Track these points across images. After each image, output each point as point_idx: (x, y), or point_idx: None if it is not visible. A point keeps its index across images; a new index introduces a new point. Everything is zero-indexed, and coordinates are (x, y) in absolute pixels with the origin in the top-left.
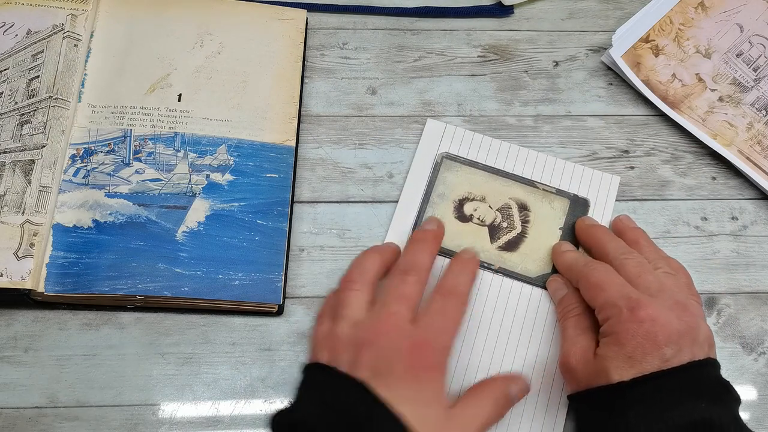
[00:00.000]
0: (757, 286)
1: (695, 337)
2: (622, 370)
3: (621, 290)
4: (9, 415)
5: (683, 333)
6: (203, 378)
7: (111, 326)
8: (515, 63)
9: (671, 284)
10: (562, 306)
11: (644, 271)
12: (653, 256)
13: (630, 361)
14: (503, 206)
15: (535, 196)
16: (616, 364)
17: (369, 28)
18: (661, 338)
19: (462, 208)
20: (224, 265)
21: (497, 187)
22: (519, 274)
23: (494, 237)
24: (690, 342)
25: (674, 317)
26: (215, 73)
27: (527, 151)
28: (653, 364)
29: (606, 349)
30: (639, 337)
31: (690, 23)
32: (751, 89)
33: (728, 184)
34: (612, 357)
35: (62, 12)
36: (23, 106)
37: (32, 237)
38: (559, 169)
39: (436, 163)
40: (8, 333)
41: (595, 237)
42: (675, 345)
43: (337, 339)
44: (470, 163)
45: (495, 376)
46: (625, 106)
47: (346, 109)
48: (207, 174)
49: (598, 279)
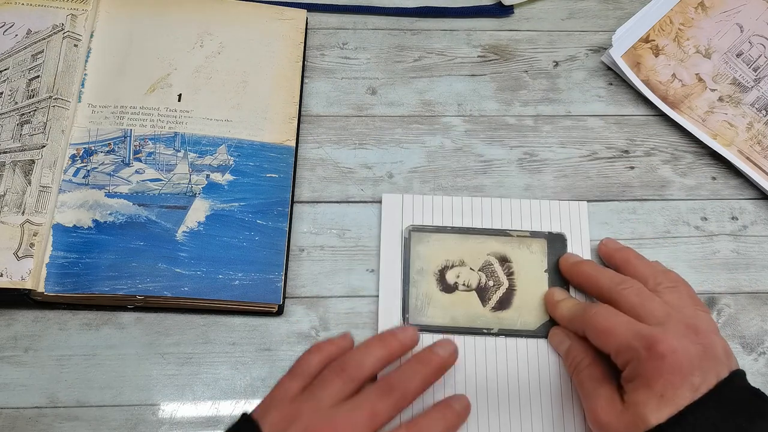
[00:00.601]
0: (757, 286)
1: (715, 355)
2: (658, 411)
3: (631, 329)
4: (9, 415)
5: (703, 356)
6: (203, 378)
7: (111, 326)
8: (515, 63)
9: (676, 302)
10: (569, 359)
11: (645, 298)
12: (649, 273)
13: (663, 400)
14: (484, 264)
15: (512, 245)
16: (650, 407)
17: (369, 28)
18: (686, 368)
19: (444, 278)
20: (224, 265)
21: (473, 246)
22: (519, 330)
23: (485, 299)
24: (712, 362)
25: (690, 343)
26: (215, 73)
27: (489, 201)
28: (685, 396)
29: (635, 395)
30: (665, 373)
31: (690, 23)
32: (751, 89)
33: (728, 184)
34: (644, 401)
35: (62, 12)
36: (23, 106)
37: (32, 237)
38: (526, 210)
39: (404, 238)
40: (8, 333)
41: (583, 274)
42: (699, 371)
43: (296, 414)
44: (438, 229)
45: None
46: (625, 106)
47: (346, 109)
48: (207, 174)
49: (604, 324)
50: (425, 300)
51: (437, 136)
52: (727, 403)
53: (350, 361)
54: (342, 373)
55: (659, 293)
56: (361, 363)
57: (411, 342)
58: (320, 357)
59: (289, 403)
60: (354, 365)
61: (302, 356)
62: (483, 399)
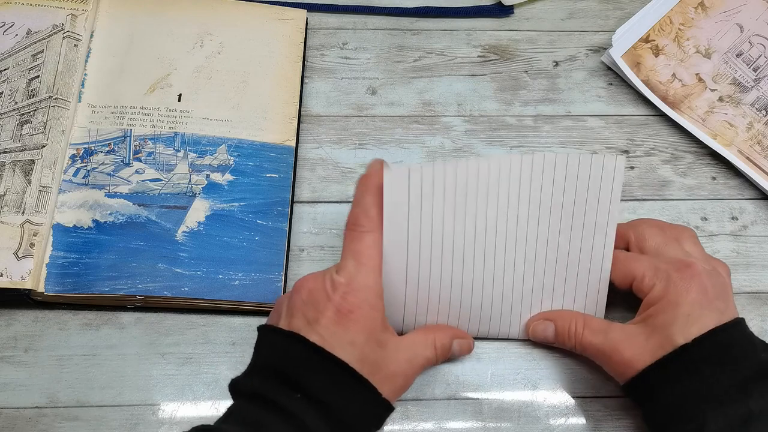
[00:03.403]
0: (757, 286)
1: (730, 296)
2: (686, 330)
3: (658, 259)
4: (9, 415)
5: (726, 290)
6: (203, 378)
7: (111, 326)
8: (515, 63)
9: (697, 254)
10: (562, 332)
11: (668, 242)
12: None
13: (690, 320)
14: None
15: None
16: (677, 327)
17: (369, 28)
18: (711, 293)
19: None
20: (224, 265)
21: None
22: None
23: None
24: (732, 301)
25: (716, 275)
26: (215, 73)
27: (510, 160)
28: (712, 317)
29: (661, 317)
30: (693, 292)
31: (690, 23)
32: (751, 89)
33: (728, 184)
34: (670, 321)
35: (62, 12)
36: (23, 106)
37: (32, 237)
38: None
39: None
40: (8, 333)
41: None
42: (723, 300)
43: (285, 297)
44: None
45: (445, 325)
46: (625, 106)
47: (346, 109)
48: (207, 174)
49: (630, 257)
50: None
51: (437, 136)
52: (749, 333)
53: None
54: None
55: (682, 243)
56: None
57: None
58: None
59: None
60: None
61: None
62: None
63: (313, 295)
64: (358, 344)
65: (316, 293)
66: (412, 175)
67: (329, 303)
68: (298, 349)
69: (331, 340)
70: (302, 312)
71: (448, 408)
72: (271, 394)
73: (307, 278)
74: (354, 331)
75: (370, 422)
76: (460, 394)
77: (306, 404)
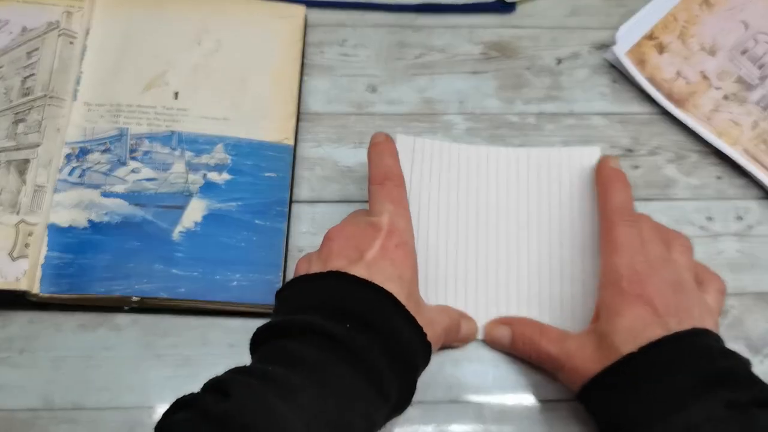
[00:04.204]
0: (763, 287)
1: (696, 313)
2: (629, 341)
3: (628, 257)
4: (3, 417)
5: (683, 308)
6: (201, 380)
7: (107, 328)
8: (517, 60)
9: (682, 261)
10: (518, 339)
11: (647, 240)
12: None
13: (632, 332)
14: None
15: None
16: (620, 337)
17: (369, 24)
18: (662, 310)
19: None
20: (221, 265)
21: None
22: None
23: None
24: (694, 317)
25: (673, 293)
26: (213, 71)
27: (506, 151)
28: (659, 329)
29: (604, 326)
30: (637, 307)
31: (694, 20)
32: (756, 87)
33: (733, 183)
34: (613, 332)
35: (57, 9)
36: (18, 104)
37: (27, 237)
38: (537, 158)
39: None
40: (3, 334)
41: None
42: (675, 317)
43: (307, 256)
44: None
45: (452, 308)
46: (629, 104)
47: (346, 107)
48: (204, 173)
49: (621, 239)
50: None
51: (438, 134)
52: (706, 344)
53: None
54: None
55: (670, 247)
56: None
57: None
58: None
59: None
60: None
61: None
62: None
63: (354, 239)
64: (406, 280)
65: (357, 236)
66: (417, 144)
67: (374, 240)
68: (343, 284)
69: (379, 275)
70: (342, 254)
71: (449, 411)
72: (317, 326)
73: (338, 229)
74: (402, 266)
75: (419, 358)
76: (461, 397)
77: (359, 333)
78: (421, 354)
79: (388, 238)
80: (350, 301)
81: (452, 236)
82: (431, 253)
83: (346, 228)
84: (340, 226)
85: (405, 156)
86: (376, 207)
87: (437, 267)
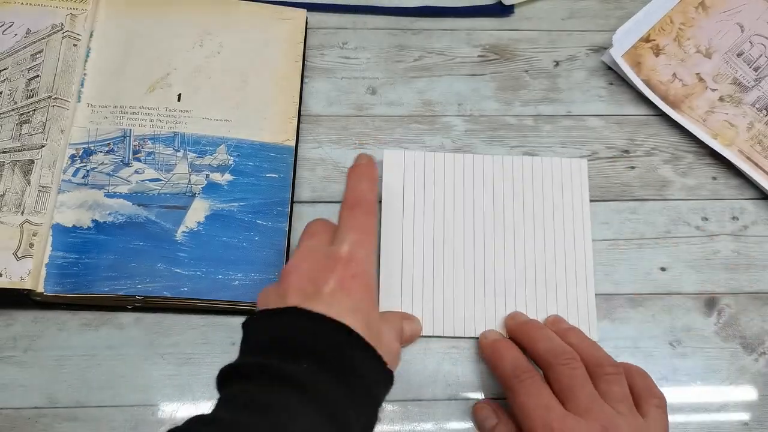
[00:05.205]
0: (758, 287)
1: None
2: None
3: (541, 417)
4: (8, 415)
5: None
6: (203, 378)
7: (110, 326)
8: (515, 63)
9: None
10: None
11: (576, 384)
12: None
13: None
14: None
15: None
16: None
17: (369, 27)
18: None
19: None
20: (224, 265)
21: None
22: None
23: None
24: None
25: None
26: (215, 73)
27: (491, 159)
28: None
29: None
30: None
31: (690, 23)
32: (751, 89)
33: (729, 184)
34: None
35: (61, 11)
36: (22, 105)
37: (32, 237)
38: (528, 167)
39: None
40: (8, 333)
41: (526, 335)
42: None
43: (265, 290)
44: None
45: (393, 313)
46: (626, 106)
47: (346, 109)
48: (206, 174)
49: (524, 401)
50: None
51: (437, 135)
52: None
53: (352, 198)
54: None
55: (597, 379)
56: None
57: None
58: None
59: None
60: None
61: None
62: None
63: (310, 272)
64: (363, 310)
65: (313, 269)
66: (407, 158)
67: (332, 273)
68: (300, 321)
69: (335, 308)
70: (298, 290)
71: (448, 408)
72: (274, 368)
73: (295, 263)
74: (358, 297)
75: (380, 390)
76: (460, 394)
77: (316, 372)
78: (383, 383)
79: (345, 269)
80: (308, 338)
81: (448, 245)
82: (427, 265)
83: (303, 263)
84: (296, 261)
85: (395, 171)
86: (340, 234)
87: (433, 278)
